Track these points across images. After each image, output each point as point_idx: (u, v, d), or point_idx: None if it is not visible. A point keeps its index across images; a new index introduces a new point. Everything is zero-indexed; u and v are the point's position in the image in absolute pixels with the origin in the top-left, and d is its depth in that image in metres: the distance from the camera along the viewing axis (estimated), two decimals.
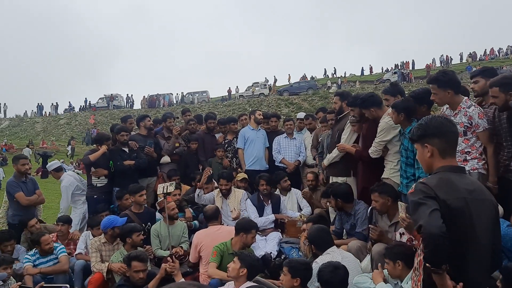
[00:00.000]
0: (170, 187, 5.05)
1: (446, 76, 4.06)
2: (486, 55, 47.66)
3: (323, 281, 3.28)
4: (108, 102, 46.73)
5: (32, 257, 5.00)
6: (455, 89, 4.02)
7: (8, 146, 29.98)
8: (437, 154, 2.30)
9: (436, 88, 4.07)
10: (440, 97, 4.07)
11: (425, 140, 2.33)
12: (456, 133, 2.39)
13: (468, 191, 2.20)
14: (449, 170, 2.27)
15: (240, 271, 3.77)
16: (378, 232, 4.10)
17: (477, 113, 3.91)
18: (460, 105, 3.98)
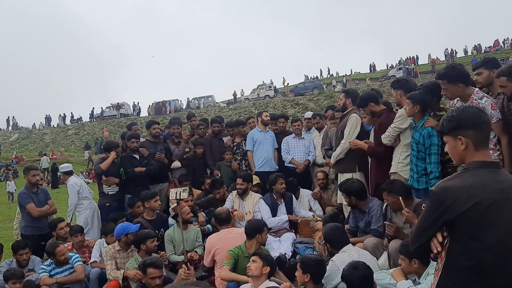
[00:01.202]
0: (184, 193, 5.04)
1: (455, 70, 4.02)
2: (491, 47, 47.27)
3: (346, 281, 3.28)
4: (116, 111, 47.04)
5: (47, 267, 5.01)
6: (465, 82, 3.98)
7: (19, 159, 30.25)
8: (471, 147, 2.18)
9: (446, 83, 4.03)
10: (451, 91, 4.03)
11: (459, 132, 2.20)
12: (490, 123, 2.30)
13: (499, 190, 2.09)
14: (481, 166, 2.16)
15: (264, 269, 3.82)
16: (394, 228, 4.07)
17: (490, 104, 3.86)
18: (472, 97, 3.94)
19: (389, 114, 5.12)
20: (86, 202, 6.81)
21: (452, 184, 2.13)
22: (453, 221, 2.10)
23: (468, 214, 2.05)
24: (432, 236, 2.18)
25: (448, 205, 2.08)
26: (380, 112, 5.24)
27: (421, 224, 2.22)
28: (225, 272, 4.44)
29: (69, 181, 6.92)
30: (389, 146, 4.91)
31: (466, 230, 2.08)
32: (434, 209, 2.13)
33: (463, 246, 2.09)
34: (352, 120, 5.57)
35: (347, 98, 5.82)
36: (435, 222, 2.14)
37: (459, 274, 2.11)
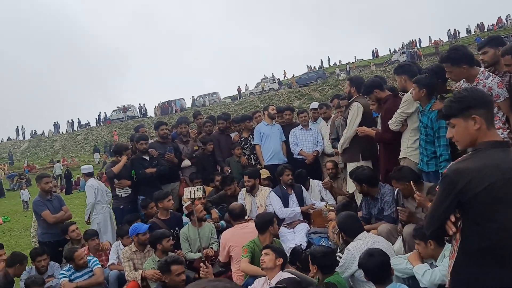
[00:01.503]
0: (198, 192, 5.07)
1: (458, 52, 3.99)
2: (494, 24, 46.66)
3: (363, 268, 3.29)
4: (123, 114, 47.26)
5: (67, 272, 5.08)
6: (469, 63, 3.95)
7: (30, 167, 30.56)
8: (484, 126, 2.18)
9: (450, 66, 4.00)
10: (456, 74, 4.00)
11: (472, 111, 2.18)
12: (493, 102, 2.34)
13: (511, 169, 2.09)
14: (492, 146, 2.15)
15: (277, 261, 3.88)
16: (407, 213, 4.07)
17: (496, 83, 3.83)
18: (478, 77, 3.90)
19: (394, 99, 5.11)
20: (99, 207, 6.89)
21: (465, 166, 2.13)
22: (466, 202, 2.10)
23: (483, 195, 2.05)
24: (447, 218, 2.19)
25: (462, 187, 2.08)
26: (385, 98, 5.22)
27: (435, 207, 2.23)
28: (245, 265, 4.47)
29: (88, 182, 7.05)
30: (397, 131, 4.91)
31: (480, 211, 2.08)
32: (448, 191, 2.14)
33: (477, 227, 2.10)
34: (353, 109, 5.56)
35: (351, 86, 5.81)
36: (450, 205, 2.15)
37: (474, 255, 2.12)
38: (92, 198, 6.83)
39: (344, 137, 5.61)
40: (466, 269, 2.15)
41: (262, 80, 47.40)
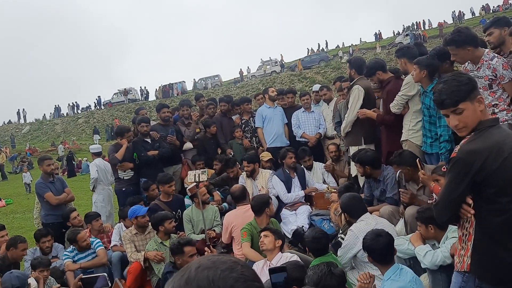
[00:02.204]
0: (202, 175, 5.08)
1: (462, 34, 3.93)
2: (500, 6, 46.07)
3: (366, 248, 3.29)
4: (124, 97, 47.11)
5: (71, 253, 5.13)
6: (474, 44, 3.90)
7: (32, 150, 30.61)
8: (482, 106, 2.23)
9: (454, 48, 3.95)
10: (461, 56, 3.96)
11: (476, 92, 2.23)
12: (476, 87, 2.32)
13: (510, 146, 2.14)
14: (490, 124, 2.19)
15: (276, 242, 3.92)
16: (409, 195, 4.07)
17: (501, 64, 3.79)
18: (482, 58, 3.86)
19: (396, 81, 5.06)
20: (100, 187, 6.91)
21: (478, 146, 2.14)
22: (482, 182, 2.13)
23: (499, 171, 2.09)
24: (463, 202, 2.19)
25: (478, 167, 2.10)
26: (388, 80, 5.18)
27: (449, 192, 2.22)
28: (248, 250, 4.48)
29: (94, 161, 7.08)
30: (398, 114, 4.88)
31: (496, 187, 2.11)
32: (464, 173, 2.14)
33: (492, 204, 2.13)
34: (354, 92, 5.50)
35: (351, 69, 5.76)
36: (466, 187, 2.15)
37: (494, 232, 2.14)
38: (95, 173, 6.84)
39: (346, 121, 5.58)
40: (487, 248, 2.17)
41: (264, 63, 47.09)
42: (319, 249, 3.67)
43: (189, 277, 0.86)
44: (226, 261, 0.90)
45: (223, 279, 0.85)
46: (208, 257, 0.92)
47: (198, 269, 0.87)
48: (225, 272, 0.86)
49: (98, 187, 6.91)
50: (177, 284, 0.86)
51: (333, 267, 2.88)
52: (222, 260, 0.90)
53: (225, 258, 0.91)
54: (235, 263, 0.89)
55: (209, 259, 0.91)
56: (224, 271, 0.86)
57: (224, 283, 0.84)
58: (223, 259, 0.90)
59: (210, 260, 0.90)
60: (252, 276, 0.89)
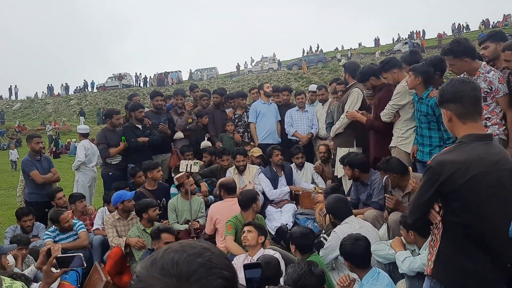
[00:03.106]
0: (194, 166, 5.06)
1: (461, 45, 3.94)
2: (500, 22, 46.46)
3: (345, 253, 3.30)
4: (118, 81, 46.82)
5: (52, 233, 5.09)
6: (471, 56, 3.91)
7: (21, 128, 30.33)
8: (455, 119, 2.26)
9: (452, 59, 3.95)
10: (458, 66, 3.96)
11: (443, 105, 2.32)
12: (473, 97, 2.27)
13: (494, 162, 2.15)
14: (475, 139, 2.20)
15: (259, 238, 3.94)
16: (395, 201, 4.09)
17: (497, 78, 3.80)
18: (479, 71, 3.87)
19: (389, 88, 5.06)
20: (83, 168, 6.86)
21: (449, 158, 2.18)
22: (448, 194, 2.17)
23: (465, 187, 2.12)
24: (430, 208, 2.26)
25: (445, 179, 2.14)
26: (380, 86, 5.19)
27: (418, 196, 2.30)
28: (231, 243, 4.48)
29: (81, 142, 7.01)
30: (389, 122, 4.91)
31: (462, 203, 2.15)
32: (432, 182, 2.20)
33: (458, 217, 2.17)
34: (353, 95, 5.52)
35: (346, 73, 5.78)
36: (432, 195, 2.21)
37: (458, 241, 2.20)
38: (82, 157, 6.78)
39: (340, 122, 5.58)
40: (450, 255, 2.23)
41: (262, 59, 47.06)
42: (306, 246, 3.67)
43: (155, 258, 0.87)
44: (197, 246, 0.89)
45: (188, 263, 0.84)
46: (181, 241, 0.92)
47: (166, 251, 0.88)
48: (191, 256, 0.86)
49: (81, 167, 6.85)
50: (144, 263, 0.87)
51: (314, 266, 2.88)
52: (192, 245, 0.90)
53: (196, 244, 0.91)
54: (205, 249, 0.89)
55: (180, 243, 0.91)
56: (190, 255, 0.86)
57: (188, 267, 0.84)
58: (194, 245, 0.90)
59: (181, 244, 0.90)
60: (221, 264, 0.88)
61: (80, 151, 6.89)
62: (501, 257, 2.19)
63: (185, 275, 0.83)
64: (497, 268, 2.18)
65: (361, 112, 5.33)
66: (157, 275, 0.83)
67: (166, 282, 0.82)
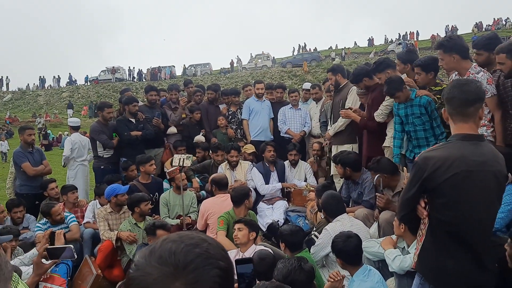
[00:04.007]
0: (187, 161, 5.06)
1: (452, 40, 4.01)
2: (492, 25, 46.82)
3: (337, 250, 3.33)
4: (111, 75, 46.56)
5: (43, 226, 5.07)
6: (461, 54, 3.95)
7: (12, 119, 30.06)
8: (450, 119, 2.34)
9: (442, 53, 4.02)
10: (446, 62, 4.02)
11: (445, 106, 2.40)
12: (462, 99, 2.29)
13: (479, 162, 2.19)
14: (462, 138, 2.26)
15: (250, 235, 3.94)
16: (385, 200, 4.13)
17: (486, 79, 3.85)
18: (469, 71, 3.93)
19: (383, 89, 5.10)
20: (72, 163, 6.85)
21: (433, 155, 2.25)
22: (432, 190, 2.23)
23: (447, 184, 2.18)
24: (416, 203, 2.33)
25: (428, 175, 2.21)
26: (374, 86, 5.23)
27: (405, 192, 2.38)
28: (223, 238, 4.48)
29: (71, 136, 6.98)
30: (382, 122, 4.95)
31: (444, 199, 2.21)
32: (417, 178, 2.26)
33: (441, 214, 2.24)
34: (353, 93, 5.58)
35: (336, 75, 5.81)
36: (417, 191, 2.28)
37: (440, 238, 2.27)
38: (68, 151, 6.76)
39: (342, 121, 5.60)
40: (433, 250, 2.29)
41: (256, 56, 47.04)
42: (296, 243, 3.70)
43: (154, 248, 0.89)
44: (194, 237, 0.92)
45: (185, 253, 0.86)
46: (179, 232, 0.95)
47: (164, 241, 0.90)
48: (188, 246, 0.88)
49: (71, 162, 6.84)
50: (143, 253, 0.90)
51: (304, 262, 2.91)
52: (190, 236, 0.92)
53: (194, 235, 0.93)
54: (202, 240, 0.91)
55: (178, 234, 0.94)
56: (188, 246, 0.88)
57: (185, 257, 0.86)
58: (192, 235, 0.93)
59: (179, 235, 0.93)
60: (218, 255, 0.90)
61: (66, 145, 6.88)
62: (482, 257, 2.23)
63: (182, 265, 0.85)
64: (479, 268, 2.22)
65: (354, 109, 5.37)
66: (154, 264, 0.85)
67: (163, 271, 0.84)
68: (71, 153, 6.76)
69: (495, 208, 2.35)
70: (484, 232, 2.26)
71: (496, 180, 2.24)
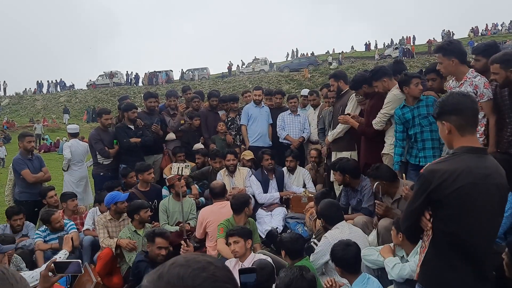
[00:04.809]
0: (186, 169, 5.06)
1: (451, 44, 4.08)
2: (488, 30, 47.09)
3: (336, 258, 3.34)
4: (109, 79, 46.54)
5: (42, 233, 5.08)
6: (459, 58, 4.02)
7: (10, 124, 29.98)
8: (455, 131, 2.29)
9: (441, 56, 4.09)
10: (445, 65, 4.09)
11: (443, 117, 2.32)
12: (475, 110, 2.33)
13: (484, 175, 2.20)
14: (468, 151, 2.25)
15: (247, 243, 3.93)
16: (384, 207, 4.16)
17: (483, 83, 3.92)
18: (466, 75, 4.01)
19: (381, 96, 5.15)
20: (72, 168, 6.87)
21: (440, 167, 2.24)
22: (437, 202, 2.23)
23: (452, 197, 2.17)
24: (421, 215, 2.32)
25: (434, 187, 2.20)
26: (373, 93, 5.26)
27: (410, 204, 2.36)
28: (223, 246, 4.46)
29: (69, 142, 6.99)
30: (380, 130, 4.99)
31: (449, 212, 2.21)
32: (423, 190, 2.26)
33: (446, 226, 2.23)
34: (353, 100, 5.61)
35: (338, 81, 5.84)
36: (422, 202, 2.27)
37: (443, 250, 2.26)
38: (69, 154, 6.80)
39: (342, 127, 5.63)
40: (435, 262, 2.29)
41: (254, 61, 47.13)
42: (296, 251, 3.71)
43: (162, 272, 0.91)
44: (201, 261, 0.94)
45: (193, 277, 0.89)
46: (185, 255, 0.97)
47: (172, 265, 0.92)
48: (196, 271, 0.90)
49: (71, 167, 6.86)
50: (151, 277, 0.92)
51: (305, 271, 2.93)
52: (196, 260, 0.94)
53: (200, 258, 0.95)
54: (209, 263, 0.94)
55: (185, 257, 0.96)
56: (195, 270, 0.90)
57: (193, 281, 0.88)
58: (198, 259, 0.95)
59: (186, 258, 0.95)
60: (224, 277, 0.93)
61: (65, 150, 6.93)
62: (483, 269, 2.25)
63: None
64: (480, 280, 2.23)
65: (352, 115, 5.40)
66: None
67: None
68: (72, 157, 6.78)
69: (498, 221, 2.35)
70: (487, 244, 2.27)
71: (499, 193, 2.24)
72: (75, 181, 6.84)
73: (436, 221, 2.27)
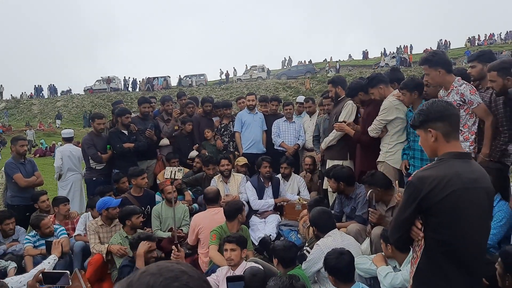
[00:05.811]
0: (178, 173, 5.02)
1: (436, 55, 4.12)
2: (485, 40, 47.40)
3: (329, 267, 3.30)
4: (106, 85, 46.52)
5: (32, 238, 5.01)
6: (445, 68, 4.05)
7: (6, 128, 29.88)
8: (441, 138, 2.27)
9: (427, 68, 4.11)
10: (432, 76, 4.11)
11: (428, 125, 2.30)
12: (458, 116, 2.36)
13: (472, 179, 2.19)
14: (454, 157, 2.24)
15: (243, 253, 3.89)
16: (378, 215, 4.13)
17: (468, 90, 3.94)
18: (453, 84, 4.03)
19: (378, 103, 5.14)
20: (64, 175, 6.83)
21: (429, 174, 2.21)
22: (428, 209, 2.19)
23: (444, 203, 2.15)
24: (411, 225, 2.28)
25: (425, 194, 2.17)
26: (369, 101, 5.26)
27: (399, 214, 2.32)
28: (215, 253, 4.42)
29: (61, 147, 6.94)
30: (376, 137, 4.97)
31: (440, 218, 2.18)
32: (412, 198, 2.22)
33: (438, 234, 2.20)
34: (348, 107, 5.58)
35: (336, 87, 5.83)
36: (413, 211, 2.23)
37: (436, 259, 2.22)
38: (59, 162, 6.76)
39: (334, 135, 5.61)
40: (428, 272, 2.25)
41: (251, 68, 47.23)
42: (288, 259, 3.67)
43: (131, 281, 0.87)
44: (174, 269, 0.89)
45: (163, 287, 0.84)
46: (159, 263, 0.92)
47: (143, 274, 0.88)
48: (167, 280, 0.86)
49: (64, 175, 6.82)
50: (121, 286, 0.88)
51: (295, 280, 2.89)
52: (169, 268, 0.89)
53: (174, 267, 0.91)
54: (182, 272, 0.89)
55: (158, 265, 0.91)
56: (167, 279, 0.86)
57: None
58: (172, 268, 0.90)
59: (159, 266, 0.90)
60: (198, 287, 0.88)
61: (57, 156, 6.94)
62: (474, 275, 2.23)
63: None
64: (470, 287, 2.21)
65: (348, 123, 5.38)
66: None
67: None
68: (62, 163, 6.72)
69: (488, 225, 2.35)
70: (479, 250, 2.25)
71: (487, 196, 2.24)
72: (66, 187, 6.79)
73: (427, 230, 2.24)
